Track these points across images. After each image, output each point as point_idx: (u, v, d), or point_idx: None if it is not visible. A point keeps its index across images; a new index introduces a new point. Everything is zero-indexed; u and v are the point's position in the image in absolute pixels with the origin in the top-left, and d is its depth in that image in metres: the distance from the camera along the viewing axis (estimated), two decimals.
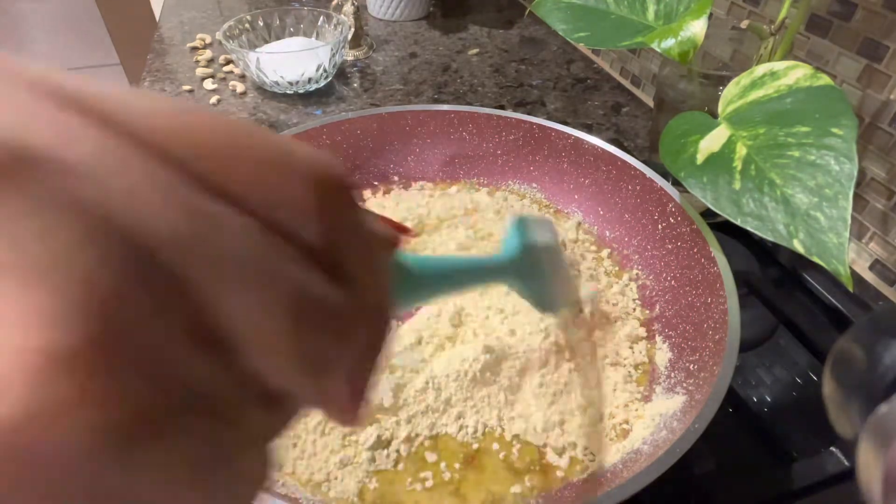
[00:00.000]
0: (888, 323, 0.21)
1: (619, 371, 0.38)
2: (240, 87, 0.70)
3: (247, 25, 0.72)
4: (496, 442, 0.34)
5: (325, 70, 0.69)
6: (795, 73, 0.37)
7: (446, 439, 0.34)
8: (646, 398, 0.37)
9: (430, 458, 0.33)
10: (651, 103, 0.71)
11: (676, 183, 0.41)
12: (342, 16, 0.74)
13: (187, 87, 0.70)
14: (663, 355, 0.39)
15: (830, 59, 0.48)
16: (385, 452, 0.33)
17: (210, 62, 0.76)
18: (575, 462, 0.34)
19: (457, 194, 0.50)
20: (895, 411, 0.18)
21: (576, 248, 0.47)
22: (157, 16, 1.01)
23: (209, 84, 0.71)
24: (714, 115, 0.40)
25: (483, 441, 0.34)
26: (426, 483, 0.32)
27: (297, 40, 0.72)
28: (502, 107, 0.70)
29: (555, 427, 0.35)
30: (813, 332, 0.41)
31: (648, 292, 0.44)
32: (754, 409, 0.38)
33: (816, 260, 0.30)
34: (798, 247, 0.31)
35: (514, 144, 0.53)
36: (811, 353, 0.41)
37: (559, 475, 0.33)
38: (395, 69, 0.78)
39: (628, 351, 0.40)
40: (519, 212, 0.32)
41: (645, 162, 0.46)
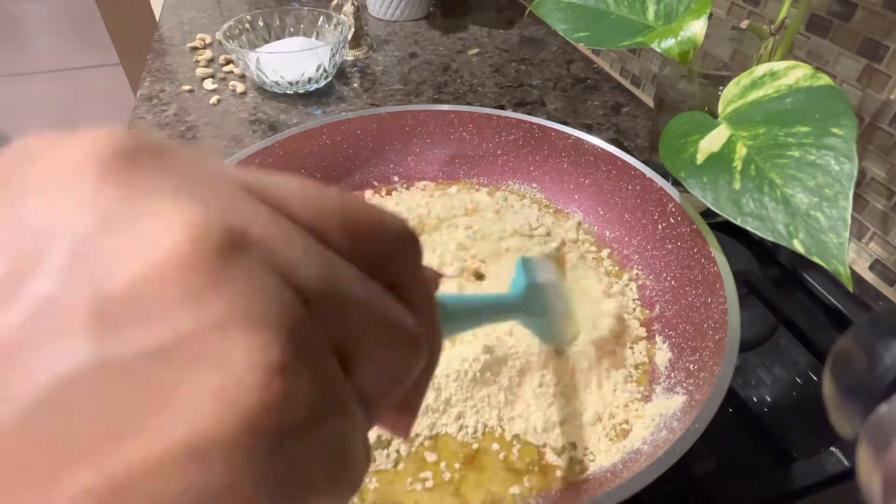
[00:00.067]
0: (888, 323, 0.21)
1: (619, 371, 0.38)
2: (240, 87, 0.70)
3: (247, 25, 0.72)
4: (496, 442, 0.34)
5: (325, 70, 0.69)
6: (795, 73, 0.37)
7: (446, 439, 0.34)
8: (646, 398, 0.37)
9: (430, 458, 0.33)
10: (651, 103, 0.71)
11: (676, 183, 0.41)
12: (342, 16, 0.74)
13: (187, 87, 0.70)
14: (663, 355, 0.39)
15: (830, 59, 0.48)
16: (385, 452, 0.33)
17: (210, 62, 0.76)
18: (575, 462, 0.34)
19: (457, 194, 0.50)
20: (895, 411, 0.18)
21: (576, 248, 0.47)
22: (157, 16, 1.01)
23: (209, 84, 0.71)
24: (714, 115, 0.40)
25: (483, 441, 0.34)
26: (426, 483, 0.32)
27: (297, 40, 0.72)
28: (502, 107, 0.70)
29: (555, 427, 0.35)
30: (813, 332, 0.41)
31: (648, 292, 0.44)
32: (754, 409, 0.38)
33: (816, 260, 0.30)
34: (798, 247, 0.31)
35: (514, 144, 0.53)
36: (811, 353, 0.41)
37: (559, 475, 0.33)
38: (395, 69, 0.78)
39: (628, 351, 0.40)
40: (524, 255, 0.37)
41: (645, 162, 0.46)
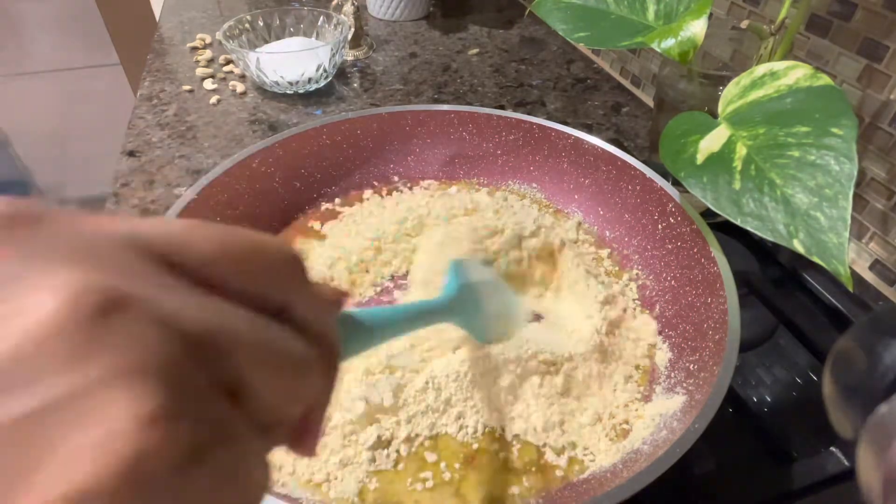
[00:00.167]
0: (888, 323, 0.21)
1: (619, 371, 0.38)
2: (240, 87, 0.70)
3: (247, 25, 0.72)
4: (496, 442, 0.34)
5: (325, 70, 0.69)
6: (795, 73, 0.37)
7: (446, 439, 0.34)
8: (646, 398, 0.37)
9: (430, 458, 0.33)
10: (651, 103, 0.71)
11: (676, 183, 0.41)
12: (342, 16, 0.74)
13: (187, 87, 0.70)
14: (663, 355, 0.39)
15: (830, 59, 0.48)
16: (385, 452, 0.33)
17: (210, 62, 0.76)
18: (575, 462, 0.34)
19: (457, 194, 0.50)
20: (895, 411, 0.18)
21: (576, 248, 0.47)
22: (157, 16, 1.01)
23: (209, 84, 0.71)
24: (714, 115, 0.40)
25: (483, 441, 0.34)
26: (426, 483, 0.32)
27: (297, 40, 0.72)
28: (502, 107, 0.70)
29: (555, 427, 0.35)
30: (813, 332, 0.41)
31: (648, 292, 0.44)
32: (754, 409, 0.38)
33: (816, 260, 0.30)
34: (798, 247, 0.31)
35: (514, 144, 0.53)
36: (811, 353, 0.41)
37: (559, 475, 0.33)
38: (395, 69, 0.78)
39: (628, 351, 0.40)
40: (457, 258, 0.37)
41: (645, 162, 0.46)
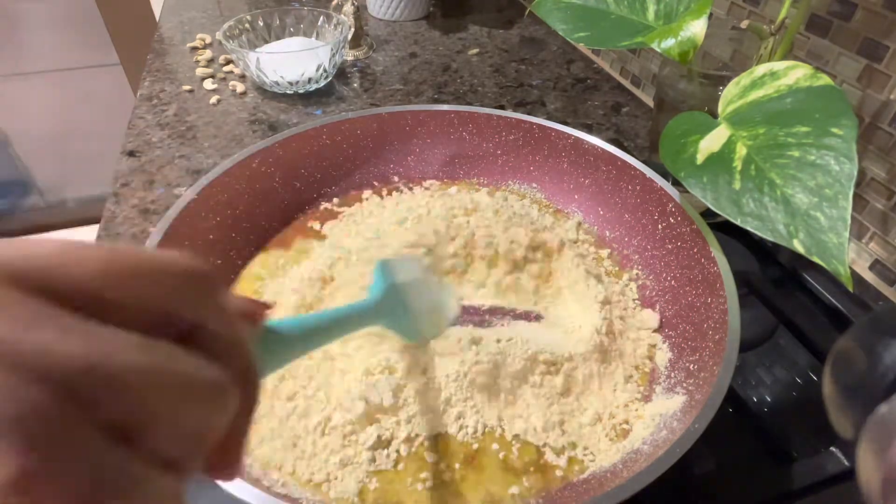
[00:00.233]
0: (888, 323, 0.21)
1: (619, 371, 0.38)
2: (240, 87, 0.70)
3: (247, 25, 0.72)
4: (496, 442, 0.34)
5: (325, 70, 0.69)
6: (795, 73, 0.37)
7: (446, 439, 0.34)
8: (646, 398, 0.37)
9: (430, 458, 0.33)
10: (651, 103, 0.71)
11: (676, 183, 0.41)
12: (342, 16, 0.74)
13: (187, 87, 0.70)
14: (663, 355, 0.39)
15: (830, 59, 0.48)
16: (385, 452, 0.33)
17: (210, 62, 0.76)
18: (574, 462, 0.34)
19: (457, 194, 0.50)
20: (895, 411, 0.18)
21: (576, 248, 0.47)
22: (157, 16, 1.01)
23: (209, 84, 0.71)
24: (714, 115, 0.40)
25: (483, 441, 0.34)
26: (426, 483, 0.32)
27: (297, 40, 0.72)
28: (502, 107, 0.70)
29: (554, 427, 0.35)
30: (813, 332, 0.41)
31: (648, 292, 0.44)
32: (754, 409, 0.38)
33: (816, 260, 0.30)
34: (798, 247, 0.31)
35: (514, 144, 0.53)
36: (811, 353, 0.41)
37: (559, 475, 0.33)
38: (395, 69, 0.78)
39: (628, 351, 0.40)
40: (383, 257, 0.35)
41: (645, 162, 0.46)
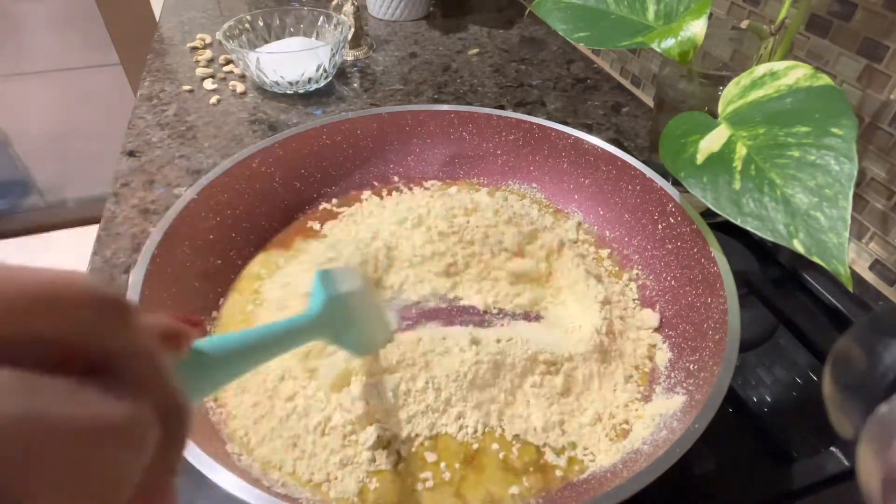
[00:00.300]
0: (888, 323, 0.21)
1: (619, 371, 0.38)
2: (240, 87, 0.70)
3: (247, 25, 0.72)
4: (496, 442, 0.34)
5: (325, 70, 0.69)
6: (795, 73, 0.37)
7: (446, 439, 0.34)
8: (646, 398, 0.37)
9: (430, 458, 0.33)
10: (651, 103, 0.71)
11: (676, 183, 0.41)
12: (342, 16, 0.74)
13: (187, 87, 0.70)
14: (663, 355, 0.39)
15: (830, 59, 0.48)
16: (385, 452, 0.33)
17: (210, 62, 0.76)
18: (574, 462, 0.34)
19: (457, 194, 0.50)
20: (895, 411, 0.18)
21: (576, 248, 0.47)
22: (157, 16, 1.01)
23: (209, 84, 0.71)
24: (714, 115, 0.40)
25: (483, 441, 0.34)
26: (426, 483, 0.32)
27: (297, 40, 0.72)
28: (502, 107, 0.70)
29: (554, 427, 0.35)
30: (813, 332, 0.41)
31: (648, 292, 0.44)
32: (754, 409, 0.38)
33: (816, 260, 0.30)
34: (798, 247, 0.31)
35: (514, 144, 0.53)
36: (811, 353, 0.41)
37: (559, 475, 0.33)
38: (395, 69, 0.78)
39: (628, 351, 0.40)
40: (321, 266, 0.34)
41: (645, 162, 0.46)
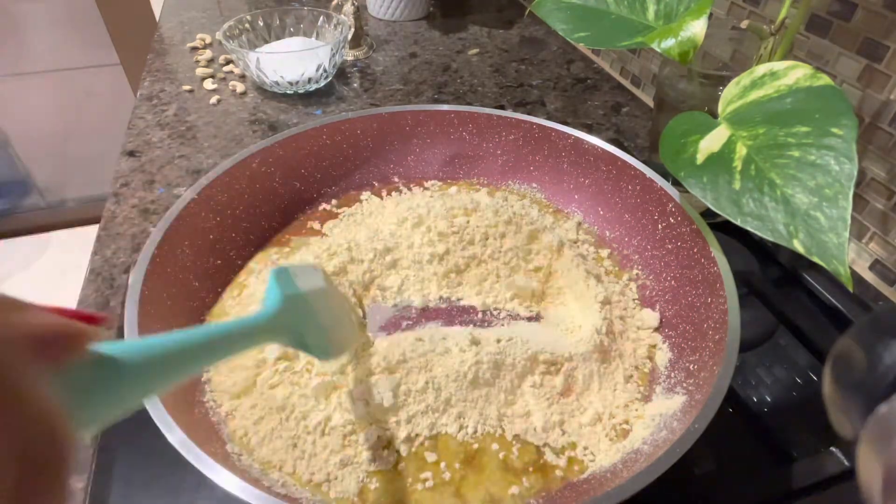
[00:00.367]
0: (888, 323, 0.21)
1: (619, 371, 0.38)
2: (240, 87, 0.70)
3: (247, 25, 0.72)
4: (496, 442, 0.34)
5: (325, 70, 0.69)
6: (795, 73, 0.37)
7: (446, 439, 0.34)
8: (646, 398, 0.37)
9: (430, 458, 0.33)
10: (651, 103, 0.71)
11: (676, 183, 0.41)
12: (342, 16, 0.74)
13: (187, 87, 0.70)
14: (663, 355, 0.39)
15: (830, 59, 0.48)
16: (385, 452, 0.33)
17: (210, 62, 0.76)
18: (574, 462, 0.34)
19: (457, 194, 0.50)
20: (895, 411, 0.18)
21: (576, 248, 0.47)
22: (157, 16, 1.01)
23: (209, 84, 0.71)
24: (714, 115, 0.40)
25: (483, 441, 0.34)
26: (426, 483, 0.32)
27: (297, 40, 0.72)
28: (502, 107, 0.70)
29: (555, 427, 0.35)
30: (813, 332, 0.41)
31: (648, 292, 0.44)
32: (754, 409, 0.38)
33: (816, 260, 0.30)
34: (798, 247, 0.31)
35: (514, 144, 0.53)
36: (811, 353, 0.41)
37: (559, 475, 0.33)
38: (395, 69, 0.78)
39: (628, 351, 0.40)
40: (279, 264, 0.30)
41: (645, 162, 0.46)
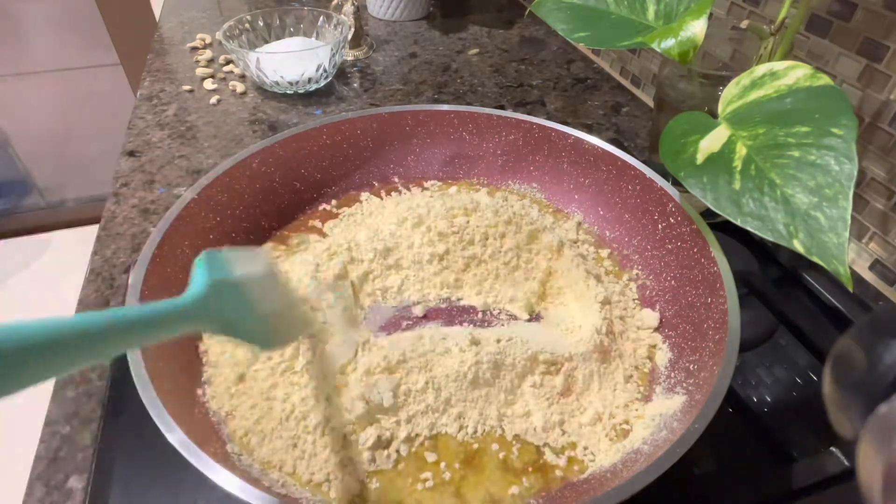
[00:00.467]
0: (888, 323, 0.21)
1: (619, 371, 0.38)
2: (240, 87, 0.70)
3: (247, 25, 0.72)
4: (496, 442, 0.34)
5: (325, 70, 0.69)
6: (795, 73, 0.37)
7: (446, 439, 0.34)
8: (646, 398, 0.37)
9: (430, 458, 0.33)
10: (651, 103, 0.71)
11: (676, 183, 0.41)
12: (342, 16, 0.74)
13: (187, 87, 0.70)
14: (663, 355, 0.39)
15: (830, 59, 0.48)
16: (385, 452, 0.33)
17: (210, 62, 0.76)
18: (574, 462, 0.34)
19: (457, 194, 0.50)
20: (895, 411, 0.18)
21: (576, 248, 0.47)
22: (157, 16, 1.01)
23: (209, 84, 0.71)
24: (714, 115, 0.40)
25: (483, 441, 0.34)
26: (426, 483, 0.32)
27: (297, 40, 0.72)
28: (502, 107, 0.70)
29: (555, 427, 0.35)
30: (813, 332, 0.41)
31: (648, 292, 0.44)
32: (754, 409, 0.38)
33: (816, 260, 0.30)
34: (798, 247, 0.31)
35: (514, 144, 0.53)
36: (811, 353, 0.41)
37: (559, 475, 0.33)
38: (395, 69, 0.78)
39: (628, 351, 0.40)
40: (212, 248, 0.28)
41: (645, 162, 0.46)
